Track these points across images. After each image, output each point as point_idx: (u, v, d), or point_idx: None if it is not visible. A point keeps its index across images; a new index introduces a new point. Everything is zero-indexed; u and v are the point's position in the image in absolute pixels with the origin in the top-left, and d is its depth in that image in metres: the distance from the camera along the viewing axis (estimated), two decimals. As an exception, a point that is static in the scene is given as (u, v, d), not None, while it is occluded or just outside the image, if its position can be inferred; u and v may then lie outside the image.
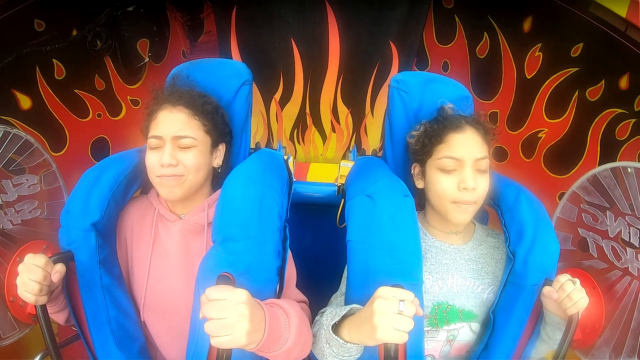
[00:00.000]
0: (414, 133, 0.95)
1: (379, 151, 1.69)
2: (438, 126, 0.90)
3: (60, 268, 0.74)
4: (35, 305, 0.74)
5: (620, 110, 1.19)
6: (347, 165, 1.29)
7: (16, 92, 1.17)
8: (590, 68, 1.28)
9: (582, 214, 1.03)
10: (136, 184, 0.95)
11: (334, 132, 2.17)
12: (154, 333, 0.92)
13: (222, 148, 0.95)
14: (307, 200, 1.47)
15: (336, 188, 1.44)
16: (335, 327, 0.72)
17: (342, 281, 0.91)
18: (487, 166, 0.85)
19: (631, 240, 0.91)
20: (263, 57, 1.92)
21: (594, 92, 1.28)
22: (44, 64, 1.27)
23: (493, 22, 1.61)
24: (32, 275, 0.71)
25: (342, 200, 1.06)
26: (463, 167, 0.83)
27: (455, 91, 1.05)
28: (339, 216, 1.15)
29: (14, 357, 0.98)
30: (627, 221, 0.92)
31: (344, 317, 0.72)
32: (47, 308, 0.78)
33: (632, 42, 1.05)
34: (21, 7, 1.10)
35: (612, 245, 0.95)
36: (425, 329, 0.87)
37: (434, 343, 0.89)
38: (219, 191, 0.88)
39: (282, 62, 1.94)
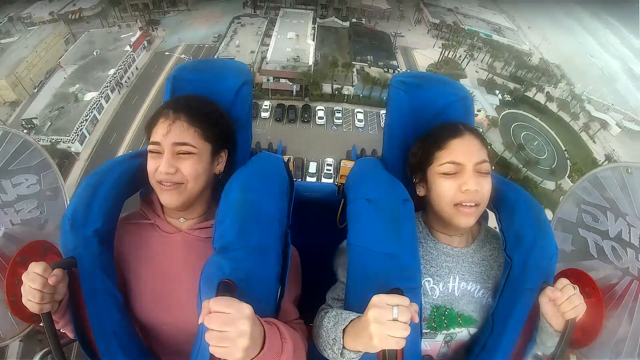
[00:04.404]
0: (415, 145, 0.95)
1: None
2: (435, 132, 0.90)
3: (57, 272, 0.75)
4: (40, 314, 0.74)
5: None
6: (347, 165, 1.29)
7: None
8: None
9: (582, 214, 1.03)
10: (133, 189, 0.95)
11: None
12: (157, 339, 0.92)
13: (224, 155, 0.94)
14: (307, 200, 1.47)
15: (336, 188, 1.44)
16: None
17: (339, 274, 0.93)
18: (488, 169, 0.86)
19: (631, 240, 0.91)
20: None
21: None
22: None
23: None
24: (33, 284, 0.72)
25: (342, 200, 1.06)
26: (464, 171, 0.84)
27: (455, 91, 1.05)
28: (339, 216, 1.15)
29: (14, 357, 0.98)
30: (627, 221, 0.92)
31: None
32: (58, 322, 0.80)
33: None
34: None
35: (612, 245, 0.95)
36: (424, 331, 0.87)
37: (432, 344, 0.89)
38: None
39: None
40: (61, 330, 0.86)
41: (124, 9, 32.96)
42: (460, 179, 0.84)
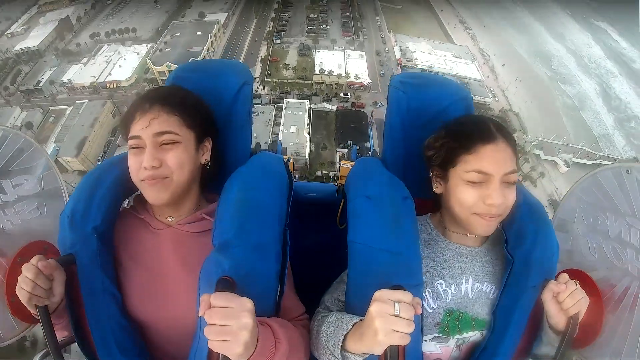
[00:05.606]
0: (437, 138, 0.88)
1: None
2: (464, 131, 0.84)
3: (51, 261, 0.76)
4: (37, 311, 0.74)
5: None
6: (347, 166, 1.29)
7: None
8: None
9: (582, 214, 1.03)
10: (133, 187, 0.94)
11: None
12: (153, 337, 0.92)
13: (208, 144, 0.92)
14: (307, 200, 1.47)
15: (336, 188, 1.44)
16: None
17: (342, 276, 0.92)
18: (516, 178, 0.82)
19: (631, 241, 0.91)
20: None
21: None
22: None
23: None
24: (27, 273, 0.73)
25: (342, 200, 1.06)
26: (491, 182, 0.80)
27: (455, 91, 1.05)
28: (339, 216, 1.15)
29: (14, 357, 0.98)
30: (627, 221, 0.92)
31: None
32: (58, 324, 0.80)
33: None
34: None
35: (612, 245, 0.95)
36: (436, 335, 0.86)
37: (444, 348, 0.88)
38: (214, 205, 0.87)
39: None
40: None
41: (156, 83, 36.70)
42: (485, 190, 0.80)
